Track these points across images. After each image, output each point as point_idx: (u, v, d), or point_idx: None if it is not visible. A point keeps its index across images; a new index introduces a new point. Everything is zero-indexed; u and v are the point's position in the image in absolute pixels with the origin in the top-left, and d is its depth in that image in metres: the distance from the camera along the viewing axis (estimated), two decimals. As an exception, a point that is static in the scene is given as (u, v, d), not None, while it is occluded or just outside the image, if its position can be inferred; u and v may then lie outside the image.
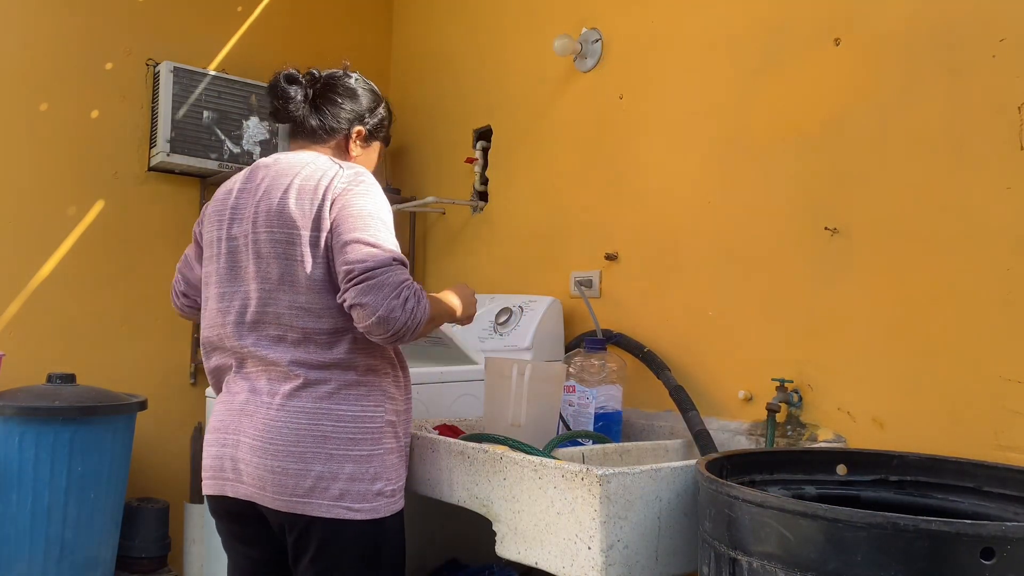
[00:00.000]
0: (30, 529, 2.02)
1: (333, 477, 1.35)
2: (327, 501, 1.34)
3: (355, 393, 1.40)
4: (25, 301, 2.38)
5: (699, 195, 1.92)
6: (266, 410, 1.38)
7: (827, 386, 1.63)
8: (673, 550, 1.23)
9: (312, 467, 1.34)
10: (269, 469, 1.35)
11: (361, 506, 1.36)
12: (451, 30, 2.85)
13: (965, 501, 1.21)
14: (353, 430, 1.38)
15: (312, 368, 1.39)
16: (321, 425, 1.36)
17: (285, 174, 1.46)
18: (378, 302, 1.30)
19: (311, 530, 1.36)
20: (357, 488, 1.36)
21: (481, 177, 2.62)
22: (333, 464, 1.35)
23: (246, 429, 1.40)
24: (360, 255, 1.34)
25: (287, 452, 1.35)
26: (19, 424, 2.02)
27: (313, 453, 1.35)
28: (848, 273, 1.61)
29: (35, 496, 2.02)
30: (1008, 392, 1.37)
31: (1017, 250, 1.37)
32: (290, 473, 1.34)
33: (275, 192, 1.44)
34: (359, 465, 1.37)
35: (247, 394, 1.43)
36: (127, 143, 2.57)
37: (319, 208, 1.40)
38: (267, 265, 1.41)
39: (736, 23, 1.87)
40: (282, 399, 1.38)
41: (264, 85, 2.67)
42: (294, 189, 1.42)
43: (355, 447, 1.37)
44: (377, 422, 1.41)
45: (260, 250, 1.42)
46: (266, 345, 1.41)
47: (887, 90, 1.57)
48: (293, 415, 1.36)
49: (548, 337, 2.10)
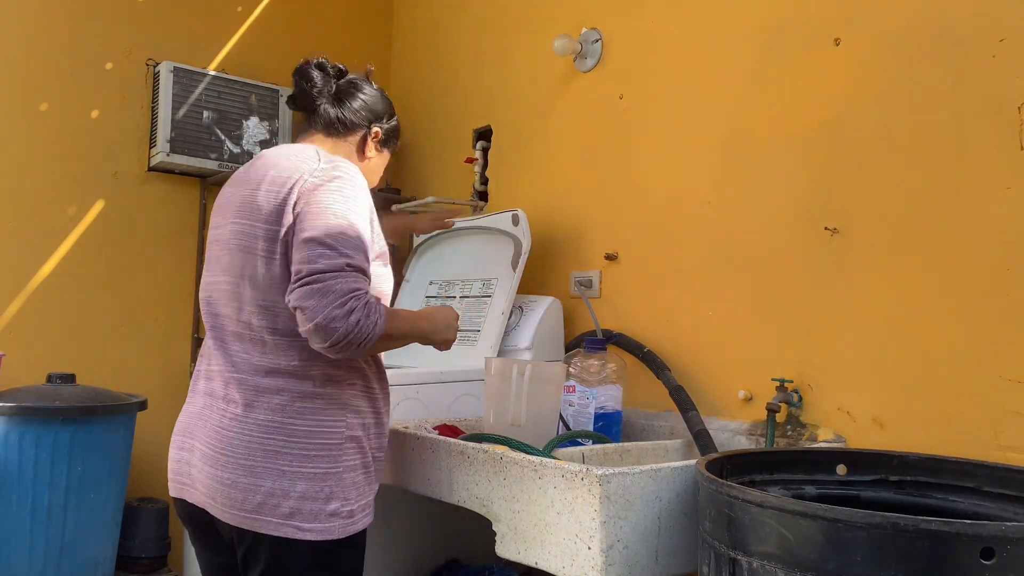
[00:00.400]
0: (30, 529, 2.02)
1: (284, 494, 1.26)
2: (276, 519, 1.26)
3: (311, 406, 1.30)
4: (25, 301, 2.38)
5: (699, 195, 1.92)
6: (220, 417, 1.32)
7: (827, 386, 1.63)
8: (673, 550, 1.23)
9: (262, 483, 1.26)
10: (219, 480, 1.29)
11: (312, 526, 1.27)
12: (451, 30, 2.85)
13: (965, 501, 1.21)
14: (307, 446, 1.29)
15: (267, 374, 1.31)
16: (273, 439, 1.28)
17: (268, 164, 1.38)
18: (318, 308, 1.21)
19: (259, 547, 1.28)
20: (309, 507, 1.27)
21: (481, 177, 2.62)
22: (284, 481, 1.27)
23: (200, 435, 1.34)
24: (312, 255, 1.25)
25: (237, 465, 1.28)
26: (19, 424, 2.02)
27: (264, 468, 1.27)
28: (848, 273, 1.61)
29: (35, 496, 2.02)
30: (1008, 392, 1.37)
31: (1017, 250, 1.37)
32: (239, 487, 1.27)
33: (251, 183, 1.37)
34: (312, 483, 1.28)
35: (204, 397, 1.37)
36: (127, 143, 2.57)
37: (283, 201, 1.31)
38: (232, 257, 1.34)
39: (736, 23, 1.87)
40: (237, 408, 1.30)
41: (264, 85, 2.69)
42: (267, 180, 1.35)
43: (308, 464, 1.28)
44: (336, 438, 1.31)
45: (229, 242, 1.36)
46: (225, 344, 1.35)
47: (887, 90, 1.57)
48: (246, 426, 1.29)
49: (548, 337, 2.10)
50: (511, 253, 2.14)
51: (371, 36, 3.13)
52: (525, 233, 2.11)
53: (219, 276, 1.38)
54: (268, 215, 1.32)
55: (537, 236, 2.28)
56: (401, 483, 1.58)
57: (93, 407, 2.10)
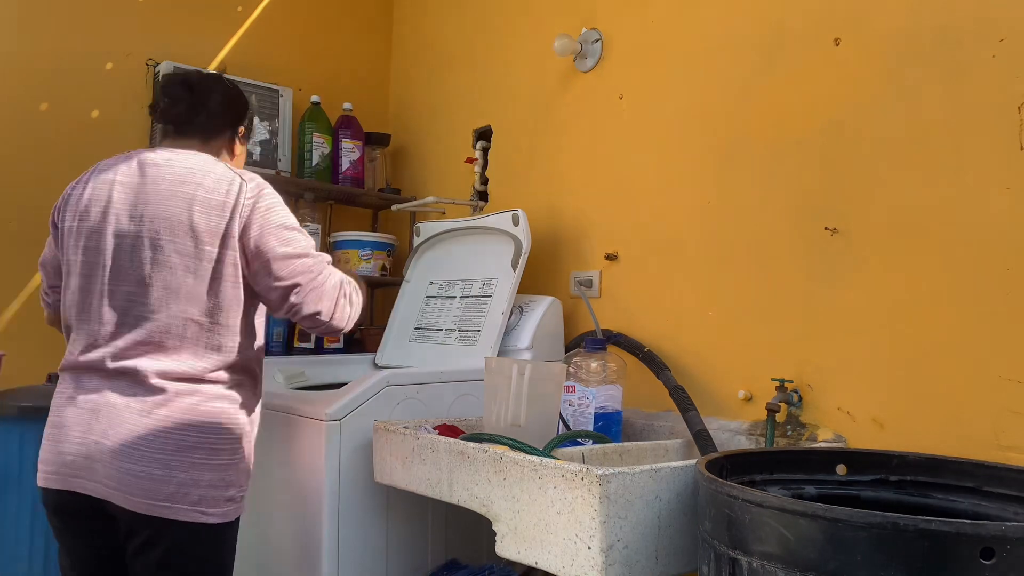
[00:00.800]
0: (30, 529, 2.02)
1: (194, 484, 1.41)
2: (185, 505, 1.40)
3: (220, 406, 1.46)
4: (25, 301, 2.38)
5: (699, 195, 1.92)
6: (129, 414, 1.40)
7: (827, 386, 1.63)
8: (673, 550, 1.23)
9: (175, 474, 1.39)
10: (132, 473, 1.38)
11: (214, 511, 1.43)
12: (451, 30, 2.85)
13: (965, 501, 1.21)
14: (216, 440, 1.44)
15: (183, 379, 1.43)
16: (187, 436, 1.41)
17: (185, 181, 1.47)
18: (328, 309, 1.51)
19: (164, 531, 1.40)
20: (212, 494, 1.42)
21: (481, 177, 2.62)
22: (194, 472, 1.41)
23: (106, 431, 1.40)
24: (297, 268, 1.48)
25: (151, 458, 1.38)
26: (19, 424, 2.02)
27: (177, 461, 1.40)
28: (848, 273, 1.61)
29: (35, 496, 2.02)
30: (1008, 392, 1.37)
31: (1017, 250, 1.37)
32: (154, 479, 1.38)
33: (177, 200, 1.46)
34: (217, 473, 1.43)
35: (107, 395, 1.42)
36: (127, 143, 2.56)
37: (227, 225, 1.45)
38: (163, 272, 1.43)
39: (736, 23, 1.87)
40: (149, 406, 1.41)
41: (264, 85, 2.69)
42: (199, 201, 1.45)
43: (215, 457, 1.44)
44: (236, 433, 1.48)
45: (157, 257, 1.44)
46: (138, 349, 1.43)
47: (887, 90, 1.57)
48: (160, 423, 1.40)
49: (548, 337, 2.10)
50: (511, 253, 2.14)
51: (371, 35, 3.13)
52: (525, 233, 2.11)
53: (133, 286, 1.45)
54: (213, 238, 1.45)
55: (537, 236, 2.28)
56: (401, 483, 1.58)
57: (93, 407, 2.10)
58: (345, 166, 2.77)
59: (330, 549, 1.67)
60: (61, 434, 1.45)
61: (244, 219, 1.46)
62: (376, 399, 1.74)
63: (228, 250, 1.45)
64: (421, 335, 2.36)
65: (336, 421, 1.69)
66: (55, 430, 1.47)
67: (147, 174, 1.49)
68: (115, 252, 1.46)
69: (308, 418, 1.73)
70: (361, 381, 1.76)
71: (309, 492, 1.71)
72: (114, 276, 1.45)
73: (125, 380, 1.43)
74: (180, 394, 1.42)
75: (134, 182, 1.49)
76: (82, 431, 1.43)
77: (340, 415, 1.69)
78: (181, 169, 1.49)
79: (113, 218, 1.47)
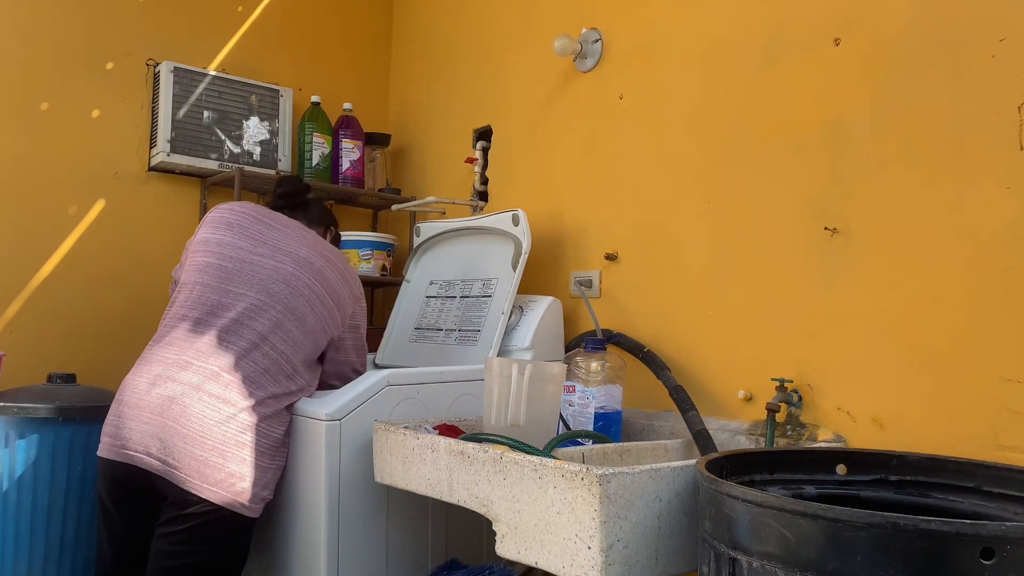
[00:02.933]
0: (30, 529, 2.02)
1: (240, 476, 1.63)
2: (229, 493, 1.62)
3: (278, 420, 1.71)
4: (25, 301, 2.38)
5: (699, 195, 1.92)
6: (204, 408, 1.63)
7: (827, 386, 1.63)
8: (673, 550, 1.23)
9: (228, 464, 1.62)
10: (192, 456, 1.61)
11: (249, 505, 1.66)
12: (451, 30, 2.85)
13: (965, 501, 1.21)
14: (264, 446, 1.68)
15: (261, 388, 1.68)
16: (246, 436, 1.65)
17: (338, 264, 1.88)
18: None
19: (207, 510, 1.61)
20: (251, 490, 1.65)
21: (481, 177, 2.62)
22: (244, 467, 1.64)
23: (177, 417, 1.63)
24: (358, 361, 1.95)
25: (212, 447, 1.62)
26: (19, 424, 2.02)
27: (232, 454, 1.63)
28: (848, 273, 1.61)
29: (35, 496, 2.02)
30: (1008, 392, 1.37)
31: (1017, 250, 1.37)
32: (209, 464, 1.61)
33: (317, 260, 1.83)
34: (258, 473, 1.67)
35: (179, 385, 1.65)
36: (127, 143, 2.57)
37: (343, 308, 1.85)
38: (294, 299, 1.76)
39: (736, 23, 1.87)
40: (225, 405, 1.64)
41: (265, 85, 2.70)
42: (342, 281, 1.86)
43: (262, 459, 1.68)
44: (279, 443, 1.72)
45: (297, 285, 1.77)
46: (238, 355, 1.69)
47: (887, 90, 1.57)
48: (231, 421, 1.64)
49: (548, 337, 2.10)
50: (511, 253, 2.14)
51: (371, 35, 3.13)
52: (525, 233, 2.11)
53: (253, 292, 1.75)
54: (337, 303, 1.83)
55: (537, 236, 2.28)
56: (401, 483, 1.58)
57: (93, 407, 2.10)
58: (345, 166, 2.77)
59: (330, 549, 1.67)
60: (137, 415, 1.73)
61: (352, 311, 1.93)
62: (376, 399, 1.74)
63: (334, 319, 1.87)
64: (421, 335, 2.36)
65: (336, 421, 1.69)
66: (131, 410, 1.74)
67: (279, 221, 1.94)
68: (241, 261, 1.86)
69: (308, 418, 1.73)
70: (361, 381, 1.76)
71: (309, 492, 1.71)
72: (233, 281, 1.82)
73: (197, 373, 1.69)
74: (258, 403, 1.70)
75: (270, 222, 1.93)
76: (155, 414, 1.71)
77: (340, 415, 1.69)
78: (311, 236, 1.95)
79: (251, 240, 1.89)
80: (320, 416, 1.69)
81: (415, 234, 2.52)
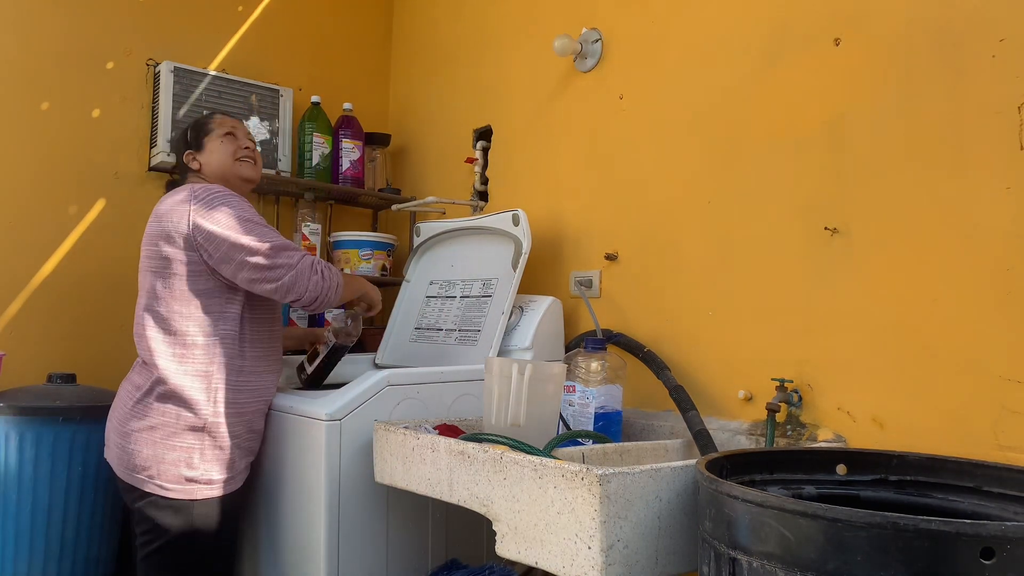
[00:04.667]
0: (30, 529, 2.02)
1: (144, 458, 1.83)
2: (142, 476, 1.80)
3: (181, 398, 1.85)
4: (25, 301, 2.38)
5: (699, 195, 1.92)
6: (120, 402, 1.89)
7: (827, 386, 1.63)
8: (673, 550, 1.23)
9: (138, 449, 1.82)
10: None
11: (174, 487, 1.80)
12: (451, 30, 2.85)
13: (965, 501, 1.21)
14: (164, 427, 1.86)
15: (153, 378, 1.87)
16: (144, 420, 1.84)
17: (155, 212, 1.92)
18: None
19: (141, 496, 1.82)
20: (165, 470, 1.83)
21: (481, 177, 2.62)
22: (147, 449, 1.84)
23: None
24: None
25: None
26: (19, 424, 2.02)
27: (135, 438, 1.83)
28: (848, 273, 1.61)
29: (35, 496, 2.02)
30: (1008, 392, 1.37)
31: (1017, 250, 1.37)
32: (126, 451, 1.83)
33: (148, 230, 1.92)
34: (164, 452, 1.83)
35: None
36: (127, 143, 2.57)
37: (166, 237, 1.84)
38: (144, 278, 1.95)
39: (736, 23, 1.87)
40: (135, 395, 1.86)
41: (264, 85, 2.69)
42: (152, 226, 1.90)
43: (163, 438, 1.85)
44: (182, 422, 1.85)
45: (142, 268, 1.94)
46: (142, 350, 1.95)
47: (887, 90, 1.57)
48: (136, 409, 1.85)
49: (548, 337, 2.10)
50: (511, 253, 2.14)
51: (371, 35, 3.13)
52: (525, 233, 2.11)
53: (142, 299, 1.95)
54: (164, 241, 1.86)
55: (537, 236, 2.28)
56: (401, 483, 1.58)
57: (93, 407, 2.10)
58: (345, 166, 2.77)
59: (330, 549, 1.67)
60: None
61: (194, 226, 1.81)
62: (376, 399, 1.74)
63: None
64: (421, 335, 2.36)
65: (336, 421, 1.69)
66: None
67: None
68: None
69: (308, 418, 1.73)
70: (361, 381, 1.76)
71: (309, 492, 1.71)
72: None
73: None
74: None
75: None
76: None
77: (340, 415, 1.69)
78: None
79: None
80: (320, 416, 1.69)
81: (415, 234, 2.52)
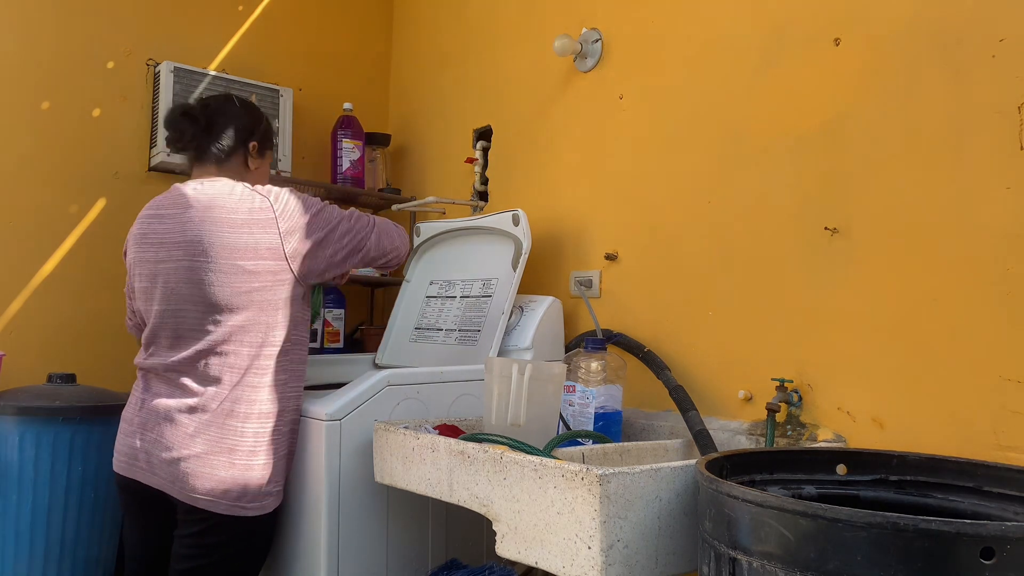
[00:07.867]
0: (30, 529, 2.02)
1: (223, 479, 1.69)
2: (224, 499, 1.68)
3: (246, 416, 1.71)
4: (25, 301, 2.38)
5: (699, 195, 1.92)
6: (181, 423, 1.71)
7: (827, 386, 1.63)
8: (673, 550, 1.23)
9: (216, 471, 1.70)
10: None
11: (250, 505, 1.70)
12: (451, 30, 2.85)
13: (965, 501, 1.21)
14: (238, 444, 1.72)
15: (222, 396, 1.71)
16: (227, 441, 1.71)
17: (211, 207, 1.66)
18: (388, 244, 1.93)
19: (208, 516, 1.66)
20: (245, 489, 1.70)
21: (481, 177, 2.62)
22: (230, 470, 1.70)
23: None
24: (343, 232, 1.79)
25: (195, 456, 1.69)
26: (19, 424, 2.02)
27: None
28: (848, 273, 1.61)
29: (35, 496, 2.02)
30: (1008, 392, 1.37)
31: (1017, 250, 1.37)
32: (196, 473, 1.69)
33: (207, 224, 1.65)
34: (241, 471, 1.71)
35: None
36: (128, 143, 2.57)
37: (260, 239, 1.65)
38: (201, 290, 1.66)
39: (736, 23, 1.87)
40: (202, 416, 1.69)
41: (265, 85, 2.69)
42: (226, 223, 1.65)
43: (239, 457, 1.70)
44: (250, 435, 1.75)
45: (193, 277, 1.66)
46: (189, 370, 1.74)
47: (887, 90, 1.57)
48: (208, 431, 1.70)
49: (548, 337, 2.10)
50: (511, 253, 2.14)
51: (371, 35, 3.13)
52: (525, 233, 2.11)
53: (174, 304, 1.70)
54: (251, 252, 1.65)
55: (537, 236, 2.28)
56: (401, 483, 1.58)
57: (93, 407, 2.10)
58: (345, 166, 2.77)
59: (330, 549, 1.67)
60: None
61: (282, 230, 1.66)
62: (376, 399, 1.74)
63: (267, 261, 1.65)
64: (421, 335, 2.36)
65: (336, 421, 1.69)
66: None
67: (180, 204, 1.68)
68: (164, 277, 1.68)
69: (308, 418, 1.73)
70: (361, 381, 1.76)
71: (309, 492, 1.71)
72: (164, 298, 1.68)
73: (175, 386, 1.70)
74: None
75: (174, 213, 1.69)
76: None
77: (340, 415, 1.69)
78: (205, 197, 1.67)
79: (163, 249, 1.69)
80: (320, 416, 1.69)
81: (415, 234, 2.52)
